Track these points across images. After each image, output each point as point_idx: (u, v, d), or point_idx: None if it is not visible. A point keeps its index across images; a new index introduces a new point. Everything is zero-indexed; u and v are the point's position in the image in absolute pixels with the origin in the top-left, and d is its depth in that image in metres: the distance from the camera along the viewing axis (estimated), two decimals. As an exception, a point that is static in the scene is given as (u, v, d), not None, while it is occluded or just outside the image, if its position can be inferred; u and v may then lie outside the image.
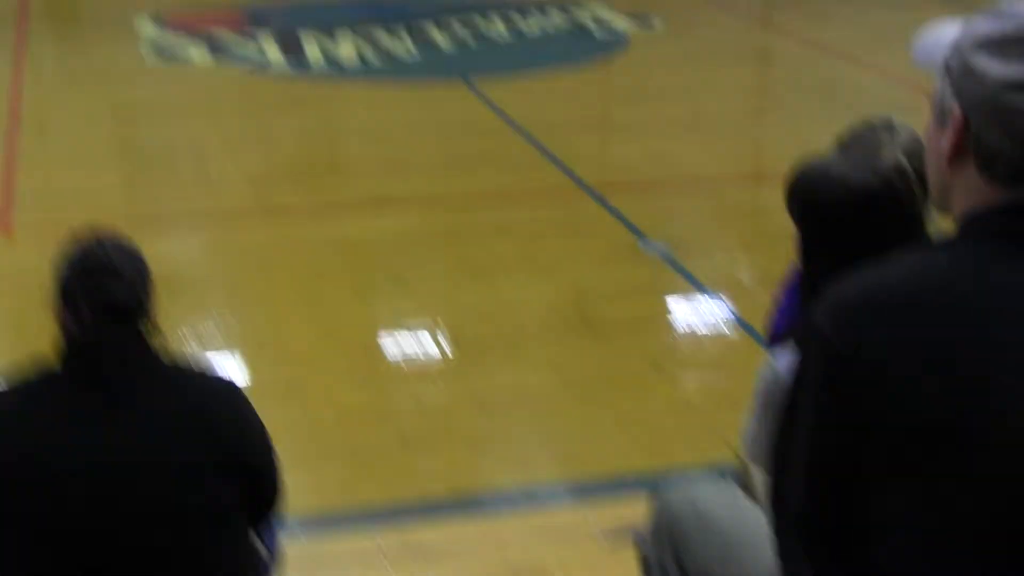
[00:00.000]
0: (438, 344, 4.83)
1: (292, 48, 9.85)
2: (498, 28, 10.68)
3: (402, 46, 10.00)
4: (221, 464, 2.14)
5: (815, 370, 1.44)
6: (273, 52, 9.76)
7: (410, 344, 4.81)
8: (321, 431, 4.16)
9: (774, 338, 2.54)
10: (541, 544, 3.50)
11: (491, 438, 4.17)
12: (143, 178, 6.95)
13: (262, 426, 2.29)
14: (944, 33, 1.47)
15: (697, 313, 5.17)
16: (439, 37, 10.32)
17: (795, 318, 2.45)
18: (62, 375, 2.12)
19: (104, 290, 2.11)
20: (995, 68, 1.36)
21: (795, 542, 1.53)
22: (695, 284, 5.40)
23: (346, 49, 9.87)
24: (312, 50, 9.82)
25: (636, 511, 3.07)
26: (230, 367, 4.61)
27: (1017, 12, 1.37)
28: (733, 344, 4.87)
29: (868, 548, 1.44)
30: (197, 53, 9.66)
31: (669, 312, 5.28)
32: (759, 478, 2.46)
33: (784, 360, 2.19)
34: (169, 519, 2.10)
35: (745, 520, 2.46)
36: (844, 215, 2.22)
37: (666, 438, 4.13)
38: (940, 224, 1.96)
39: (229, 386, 2.25)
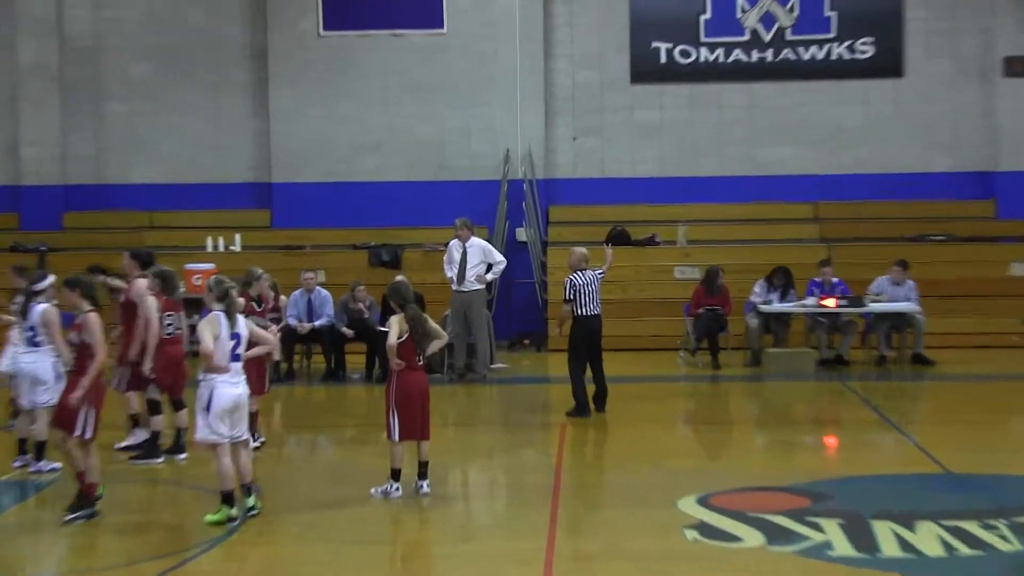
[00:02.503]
0: None
1: (859, 532, 8.20)
2: None
3: (1001, 540, 7.98)
4: None
5: None
6: (836, 535, 8.17)
7: None
8: None
9: None
10: None
11: None
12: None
13: None
14: None
15: None
16: (1051, 532, 8.17)
17: None
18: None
19: None
20: None
21: None
22: None
23: (927, 538, 8.03)
24: (884, 536, 8.10)
25: None
26: None
27: None
28: None
29: None
30: (748, 535, 8.26)
31: None
32: None
33: None
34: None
35: None
36: None
37: None
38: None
39: None
